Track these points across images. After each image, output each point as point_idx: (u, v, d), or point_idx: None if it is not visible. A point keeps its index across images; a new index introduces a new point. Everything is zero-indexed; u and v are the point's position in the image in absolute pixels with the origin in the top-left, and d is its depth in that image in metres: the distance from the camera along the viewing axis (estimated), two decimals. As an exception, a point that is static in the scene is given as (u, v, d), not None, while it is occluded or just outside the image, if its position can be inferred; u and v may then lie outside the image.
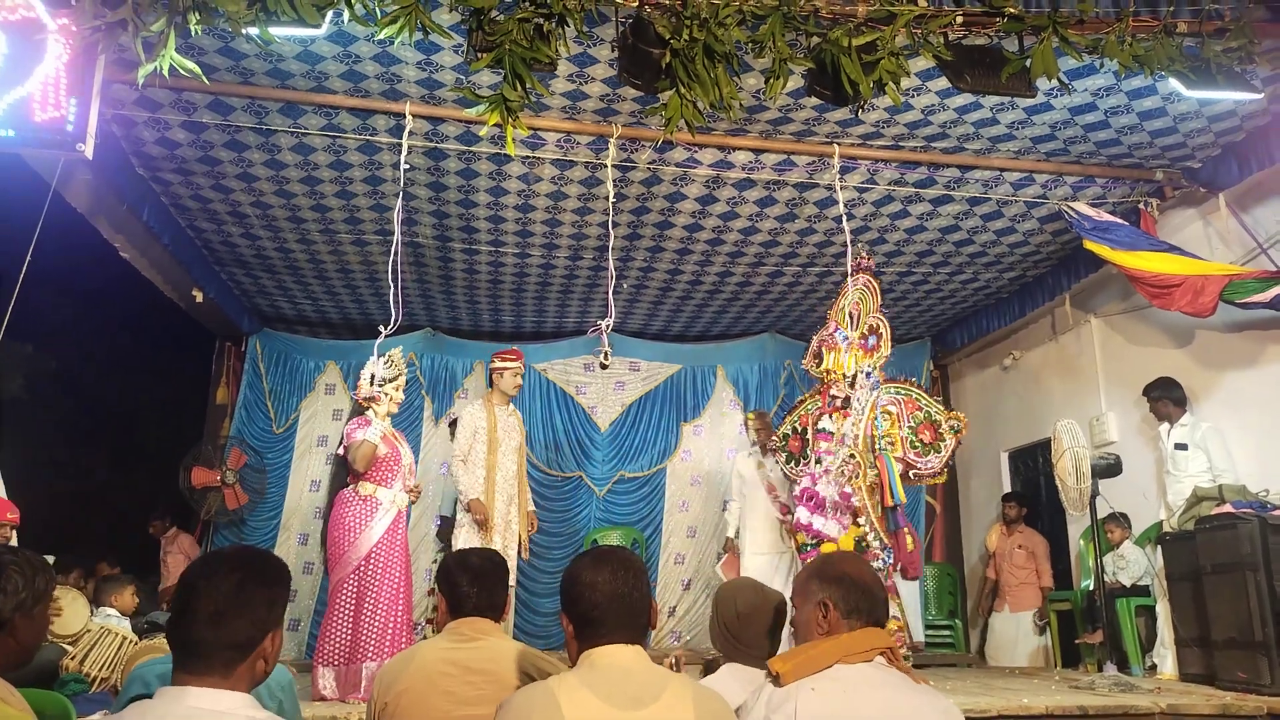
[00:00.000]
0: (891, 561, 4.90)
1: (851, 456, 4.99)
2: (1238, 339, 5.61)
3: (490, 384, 5.73)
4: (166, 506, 7.65)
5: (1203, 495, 5.21)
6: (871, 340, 5.22)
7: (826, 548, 4.90)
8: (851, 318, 5.33)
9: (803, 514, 4.97)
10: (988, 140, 5.37)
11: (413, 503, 4.92)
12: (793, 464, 5.47)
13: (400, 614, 4.63)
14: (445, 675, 2.44)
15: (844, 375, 5.13)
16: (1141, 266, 5.55)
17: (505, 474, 5.53)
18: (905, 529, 4.98)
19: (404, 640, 4.52)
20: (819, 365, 5.32)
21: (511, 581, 4.34)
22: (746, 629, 2.66)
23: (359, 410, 5.03)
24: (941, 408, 5.20)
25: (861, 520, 4.89)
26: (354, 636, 4.53)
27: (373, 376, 4.89)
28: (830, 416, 5.12)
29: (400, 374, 4.95)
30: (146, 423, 11.77)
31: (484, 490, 5.41)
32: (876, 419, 5.02)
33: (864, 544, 4.90)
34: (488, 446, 5.46)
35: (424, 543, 7.76)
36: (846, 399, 5.12)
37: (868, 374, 5.13)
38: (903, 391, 5.14)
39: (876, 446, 4.98)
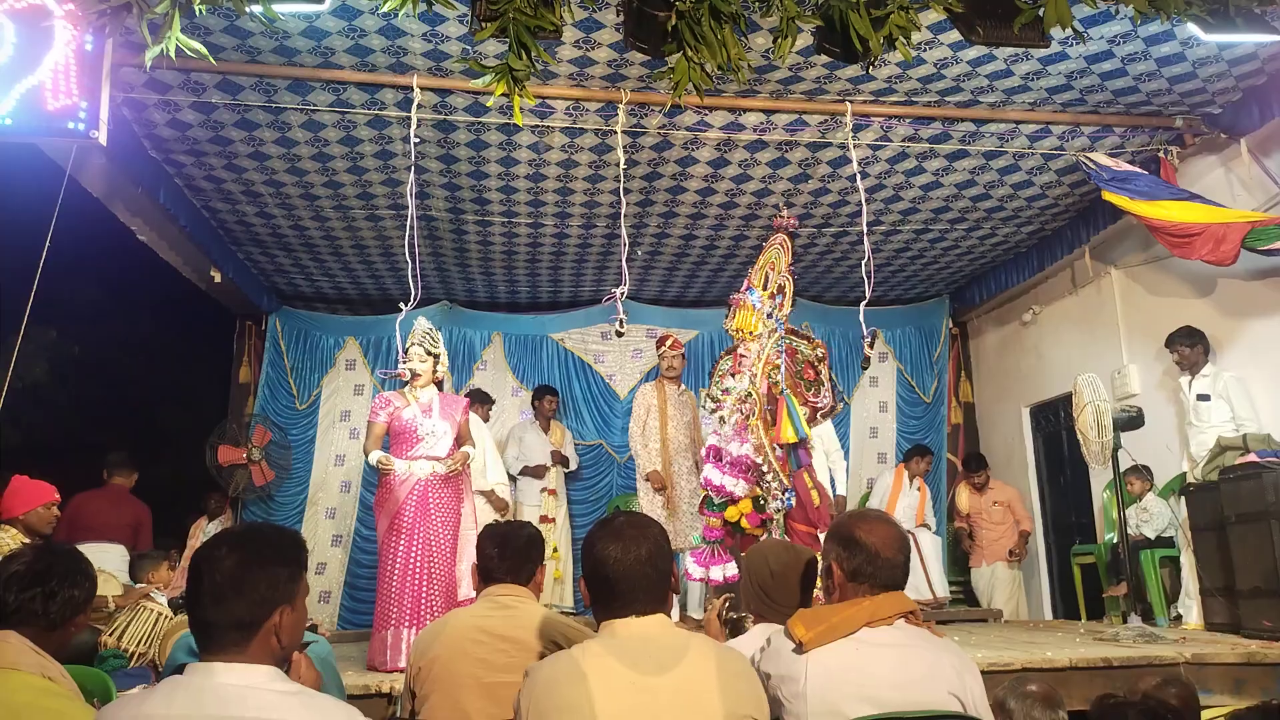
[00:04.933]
0: (792, 505, 4.89)
1: (749, 395, 4.88)
2: (1260, 287, 5.54)
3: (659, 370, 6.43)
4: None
5: (1227, 445, 5.18)
6: (778, 299, 5.14)
7: (731, 511, 4.82)
8: (767, 278, 5.22)
9: (713, 473, 4.88)
10: (1002, 93, 5.29)
11: (455, 471, 4.75)
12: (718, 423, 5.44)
13: (418, 582, 4.53)
14: (476, 642, 2.49)
15: (752, 333, 5.04)
16: (1161, 216, 5.46)
17: (678, 446, 6.15)
18: (813, 485, 4.93)
19: (433, 609, 4.53)
20: (731, 323, 5.23)
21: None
22: (780, 587, 2.68)
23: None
24: (806, 340, 5.21)
25: (760, 459, 4.80)
26: (380, 603, 4.59)
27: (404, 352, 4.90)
28: (734, 376, 5.05)
29: (411, 344, 4.87)
30: (170, 403, 11.90)
31: (660, 462, 6.05)
32: (771, 373, 4.98)
33: (762, 502, 4.82)
34: (660, 422, 6.16)
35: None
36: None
37: (769, 314, 5.05)
38: (784, 340, 5.11)
39: (777, 393, 4.94)
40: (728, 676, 1.82)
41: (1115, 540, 5.88)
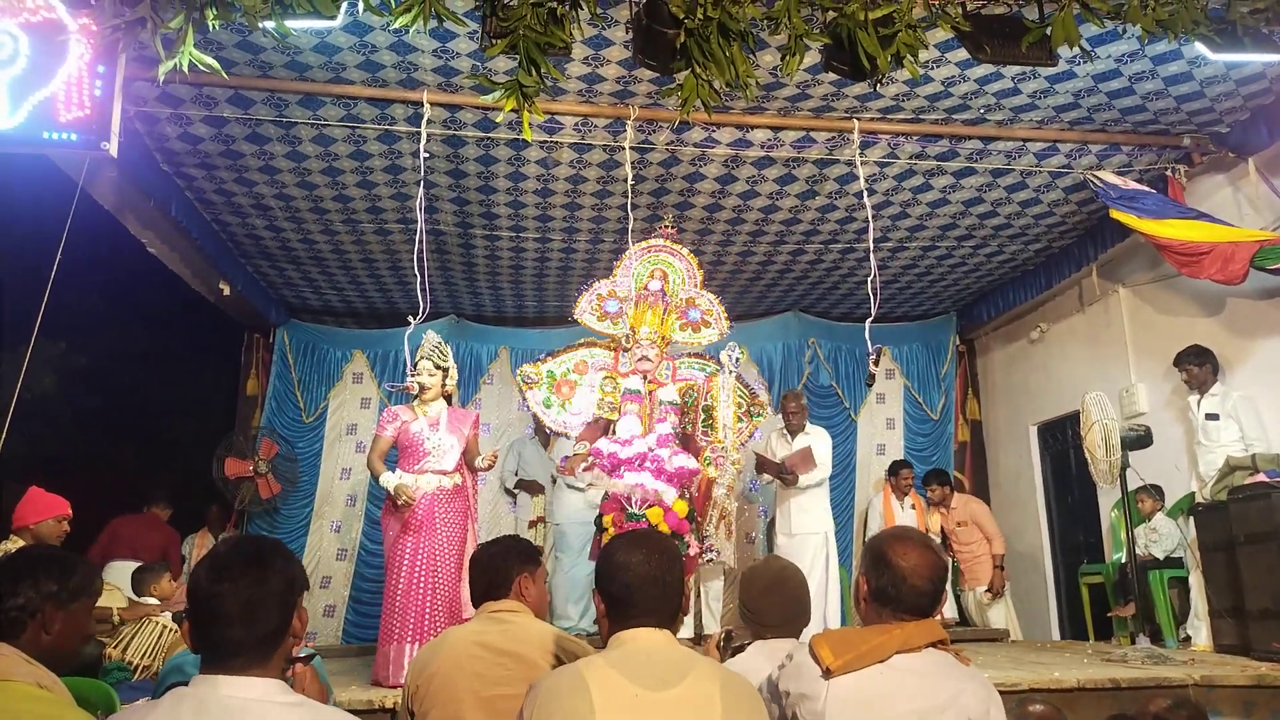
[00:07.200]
0: (713, 558, 4.95)
1: (731, 460, 4.87)
2: (1269, 306, 5.52)
3: None
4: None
5: (1236, 465, 5.15)
6: (694, 314, 5.10)
7: (653, 513, 4.55)
8: (666, 281, 5.18)
9: (649, 480, 4.50)
10: (1010, 111, 5.30)
11: (487, 467, 4.88)
12: (554, 409, 5.17)
13: (421, 595, 4.56)
14: (474, 658, 2.48)
15: (665, 339, 4.98)
16: (1169, 235, 5.46)
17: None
18: None
19: (436, 624, 4.52)
20: (616, 324, 5.06)
21: None
22: (772, 603, 2.67)
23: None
24: (744, 387, 5.22)
25: (715, 512, 4.80)
26: (385, 618, 4.60)
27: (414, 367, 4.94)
28: (644, 378, 4.90)
29: (420, 357, 4.93)
30: (177, 415, 11.91)
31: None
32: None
33: (693, 518, 4.67)
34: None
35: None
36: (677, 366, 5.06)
37: (735, 360, 5.06)
38: (708, 368, 5.12)
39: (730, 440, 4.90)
40: (731, 698, 1.81)
41: (1123, 560, 5.85)
